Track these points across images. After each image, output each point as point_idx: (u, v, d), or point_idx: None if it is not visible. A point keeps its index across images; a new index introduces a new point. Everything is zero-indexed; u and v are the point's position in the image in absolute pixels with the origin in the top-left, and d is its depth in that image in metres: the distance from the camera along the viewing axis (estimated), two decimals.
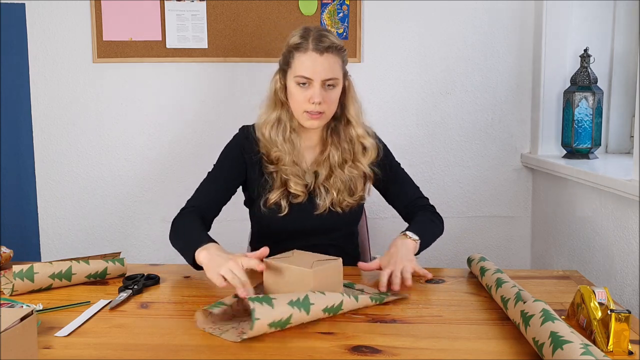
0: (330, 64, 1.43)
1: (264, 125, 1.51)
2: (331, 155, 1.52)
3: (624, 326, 0.95)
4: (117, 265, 1.37)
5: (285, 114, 1.51)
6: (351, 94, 1.53)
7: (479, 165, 2.35)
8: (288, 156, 1.49)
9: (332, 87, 1.45)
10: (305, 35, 1.44)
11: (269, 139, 1.50)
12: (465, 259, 1.45)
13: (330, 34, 1.46)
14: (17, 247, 1.62)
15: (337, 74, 1.45)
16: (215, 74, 2.29)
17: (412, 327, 1.09)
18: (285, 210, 1.48)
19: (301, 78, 1.43)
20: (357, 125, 1.53)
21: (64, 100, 2.30)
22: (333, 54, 1.43)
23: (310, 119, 1.45)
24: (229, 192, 1.54)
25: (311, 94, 1.43)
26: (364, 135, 1.53)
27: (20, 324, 0.81)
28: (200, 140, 2.31)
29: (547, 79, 2.19)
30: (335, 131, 1.54)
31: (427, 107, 2.32)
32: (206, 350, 0.99)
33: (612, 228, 1.73)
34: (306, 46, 1.43)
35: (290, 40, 1.47)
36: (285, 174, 1.48)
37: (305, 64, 1.42)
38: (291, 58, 1.46)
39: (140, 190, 2.35)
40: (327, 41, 1.42)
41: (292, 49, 1.45)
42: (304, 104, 1.44)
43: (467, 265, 1.43)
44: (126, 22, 2.24)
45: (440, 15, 2.27)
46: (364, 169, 1.53)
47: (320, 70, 1.42)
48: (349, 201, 1.52)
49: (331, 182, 1.50)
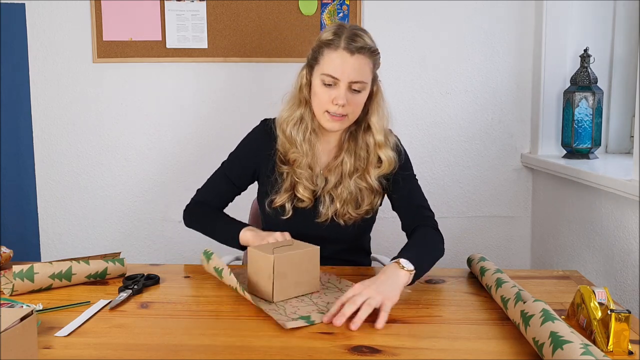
0: (361, 65, 1.36)
1: (286, 122, 1.45)
2: (344, 163, 1.45)
3: (624, 326, 0.95)
4: (117, 265, 1.37)
5: (308, 112, 1.44)
6: (377, 100, 1.45)
7: (479, 165, 2.35)
8: (305, 158, 1.43)
9: (358, 91, 1.38)
10: (339, 33, 1.37)
11: (289, 137, 1.44)
12: (465, 259, 1.45)
13: (365, 34, 1.39)
14: (17, 247, 1.62)
15: (365, 77, 1.38)
16: (215, 74, 2.29)
17: (412, 327, 1.09)
18: (288, 214, 1.45)
19: (327, 77, 1.36)
20: (377, 132, 1.44)
21: (64, 100, 2.30)
22: (365, 56, 1.36)
23: (332, 120, 1.39)
24: (239, 189, 1.55)
25: (336, 94, 1.36)
26: (381, 145, 1.44)
27: (20, 324, 0.81)
28: (200, 140, 2.31)
29: (547, 79, 2.19)
30: (353, 137, 1.47)
31: (427, 107, 2.32)
32: (206, 350, 0.99)
33: (612, 228, 1.73)
34: (337, 43, 1.35)
35: (323, 35, 1.40)
36: (298, 177, 1.44)
37: (335, 62, 1.35)
38: (320, 54, 1.38)
39: (140, 190, 2.36)
40: (360, 41, 1.35)
41: (322, 44, 1.38)
42: (327, 104, 1.37)
43: (467, 265, 1.43)
44: (126, 22, 2.24)
45: (440, 15, 2.27)
46: (372, 182, 1.45)
47: (349, 71, 1.35)
48: (352, 214, 1.45)
49: (338, 192, 1.44)
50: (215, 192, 1.55)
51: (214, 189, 1.55)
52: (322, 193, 1.46)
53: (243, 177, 1.53)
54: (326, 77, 1.36)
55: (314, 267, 1.26)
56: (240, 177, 1.53)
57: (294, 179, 1.44)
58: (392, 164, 1.45)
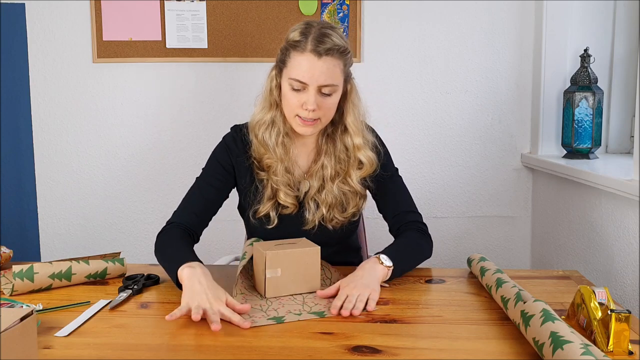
0: (329, 68, 1.29)
1: (257, 126, 1.40)
2: (324, 167, 1.40)
3: (624, 326, 0.95)
4: (117, 265, 1.37)
5: (279, 115, 1.39)
6: (352, 99, 1.39)
7: (479, 165, 2.35)
8: (280, 164, 1.38)
9: (329, 94, 1.32)
10: (306, 33, 1.30)
11: (262, 141, 1.39)
12: (465, 259, 1.45)
13: (334, 33, 1.31)
14: (17, 247, 1.62)
15: (336, 79, 1.31)
16: (215, 74, 2.29)
17: (412, 327, 1.09)
18: (274, 223, 1.39)
19: (295, 82, 1.30)
20: (355, 134, 1.39)
21: (64, 100, 2.30)
22: (334, 57, 1.29)
23: (304, 125, 1.33)
24: (218, 203, 1.44)
25: (305, 99, 1.30)
26: (361, 147, 1.39)
27: (20, 324, 0.80)
28: (200, 140, 2.31)
29: (547, 79, 2.19)
30: (331, 139, 1.42)
31: (427, 107, 2.32)
32: (206, 350, 0.99)
33: (612, 228, 1.73)
34: (304, 46, 1.29)
35: (290, 35, 1.34)
36: (276, 184, 1.38)
37: (302, 66, 1.29)
38: (287, 57, 1.32)
39: (140, 190, 2.36)
40: (328, 42, 1.28)
41: (289, 46, 1.32)
42: (297, 108, 1.32)
43: (467, 265, 1.43)
44: (126, 22, 2.24)
45: (440, 15, 2.27)
46: (355, 186, 1.40)
47: (317, 75, 1.28)
48: (339, 218, 1.41)
49: (322, 197, 1.40)
50: (194, 209, 1.41)
51: (194, 206, 1.41)
52: (306, 199, 1.41)
53: (221, 184, 1.43)
54: (294, 82, 1.30)
55: (313, 267, 1.26)
56: (219, 185, 1.42)
57: (274, 186, 1.39)
58: (373, 165, 1.41)
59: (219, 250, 2.23)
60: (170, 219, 1.42)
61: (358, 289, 1.19)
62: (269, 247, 1.24)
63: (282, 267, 1.23)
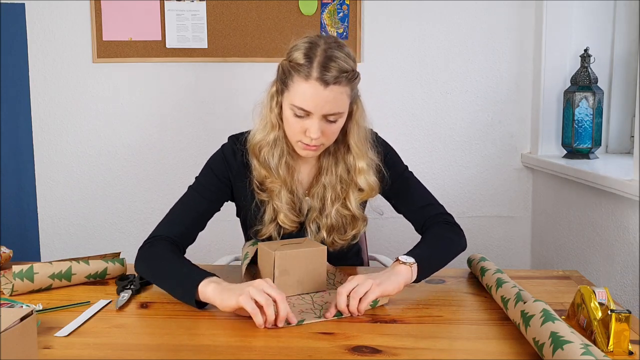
0: (336, 96, 1.21)
1: (258, 147, 1.33)
2: (325, 187, 1.36)
3: (624, 326, 0.95)
4: (117, 265, 1.37)
5: (282, 135, 1.32)
6: (356, 119, 1.32)
7: (479, 165, 2.35)
8: (284, 188, 1.33)
9: (334, 121, 1.25)
10: (311, 56, 1.21)
11: (264, 163, 1.32)
12: (466, 259, 1.45)
13: (341, 54, 1.22)
14: (17, 247, 1.62)
15: (342, 107, 1.25)
16: (215, 74, 2.29)
17: (412, 327, 1.09)
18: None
19: (298, 109, 1.23)
20: (357, 156, 1.33)
21: (64, 100, 2.30)
22: (341, 85, 1.21)
23: (306, 149, 1.28)
24: (209, 216, 1.37)
25: (308, 126, 1.23)
26: (363, 171, 1.34)
27: (20, 324, 0.80)
28: (200, 140, 2.31)
29: (547, 79, 2.19)
30: (334, 156, 1.37)
31: (427, 107, 2.32)
32: (206, 350, 0.99)
33: (612, 228, 1.73)
34: (309, 72, 1.20)
35: (293, 54, 1.24)
36: (278, 208, 1.33)
37: (306, 94, 1.21)
38: (290, 79, 1.23)
39: (140, 190, 2.36)
40: (334, 69, 1.20)
41: (292, 68, 1.23)
42: (299, 134, 1.26)
43: (467, 265, 1.43)
44: (126, 22, 2.24)
45: (440, 15, 2.27)
46: (354, 210, 1.36)
47: (322, 104, 1.21)
48: (339, 242, 1.38)
49: (323, 221, 1.36)
50: (185, 222, 1.32)
51: (184, 219, 1.33)
52: (308, 222, 1.37)
53: (216, 197, 1.37)
54: (297, 109, 1.23)
55: (320, 267, 1.26)
56: (213, 197, 1.36)
57: (276, 209, 1.34)
58: (373, 191, 1.37)
59: (218, 250, 2.23)
60: (155, 232, 1.31)
61: (368, 283, 1.12)
62: (275, 247, 1.23)
63: (290, 266, 1.22)
